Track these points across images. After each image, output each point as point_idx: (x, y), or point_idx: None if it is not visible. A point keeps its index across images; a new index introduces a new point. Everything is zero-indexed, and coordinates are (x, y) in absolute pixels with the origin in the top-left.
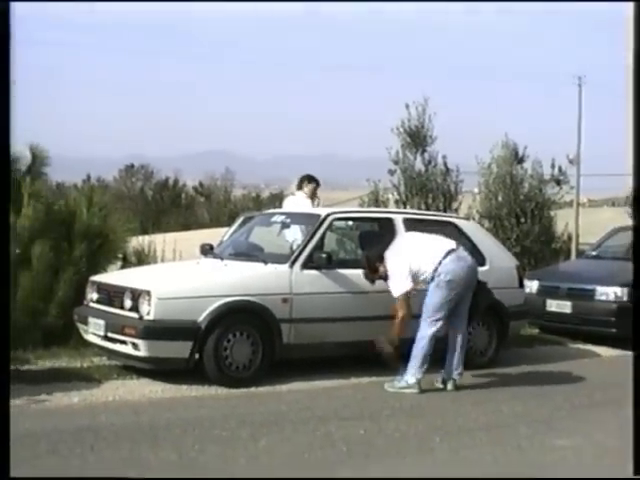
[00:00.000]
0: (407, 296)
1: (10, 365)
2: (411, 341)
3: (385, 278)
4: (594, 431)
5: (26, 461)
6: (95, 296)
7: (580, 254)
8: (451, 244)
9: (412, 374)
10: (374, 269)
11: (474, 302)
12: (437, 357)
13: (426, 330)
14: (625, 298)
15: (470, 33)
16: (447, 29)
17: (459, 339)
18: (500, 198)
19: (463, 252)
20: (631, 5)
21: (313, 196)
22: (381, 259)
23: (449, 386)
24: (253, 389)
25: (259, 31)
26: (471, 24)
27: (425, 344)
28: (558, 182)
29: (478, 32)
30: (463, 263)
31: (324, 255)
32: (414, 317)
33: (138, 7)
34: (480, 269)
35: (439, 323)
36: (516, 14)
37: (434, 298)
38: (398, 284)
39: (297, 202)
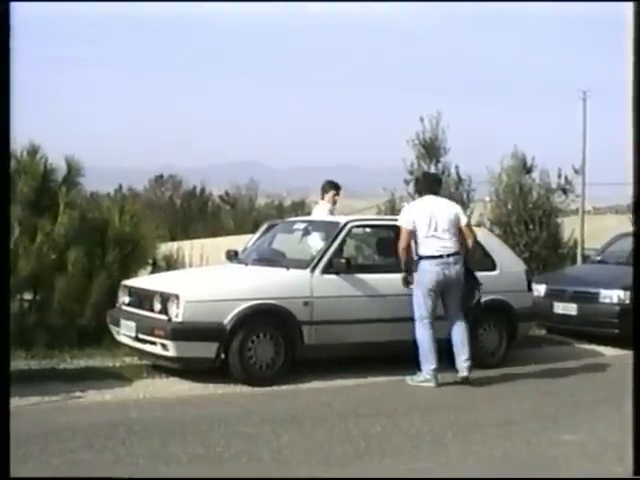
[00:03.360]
0: (406, 234)
1: (10, 365)
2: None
3: None
4: (598, 426)
5: (62, 454)
6: (127, 299)
7: (585, 259)
8: (446, 247)
9: (426, 371)
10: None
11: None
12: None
13: (419, 330)
14: (627, 301)
15: (480, 50)
16: (457, 49)
17: (458, 336)
18: (510, 206)
19: (451, 260)
20: (631, 5)
21: (334, 202)
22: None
23: (464, 372)
24: (276, 387)
25: (280, 46)
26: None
27: (423, 343)
28: (564, 191)
29: (487, 49)
30: (441, 269)
31: (343, 261)
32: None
33: (160, 22)
34: (491, 274)
35: (428, 322)
36: (521, 33)
37: (415, 298)
38: (401, 218)
39: (320, 210)
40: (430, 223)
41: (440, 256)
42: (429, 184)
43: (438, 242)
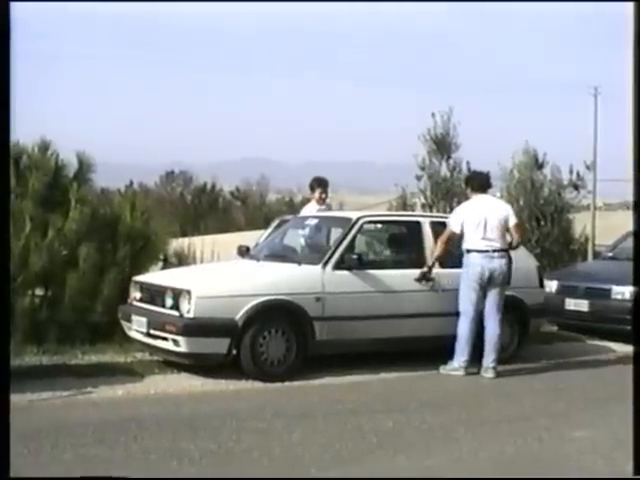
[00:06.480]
0: (449, 233)
1: (10, 364)
2: (454, 336)
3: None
4: (610, 423)
5: (73, 449)
6: (138, 295)
7: (597, 255)
8: (493, 244)
9: (457, 361)
10: None
11: None
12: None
13: (461, 323)
14: None
15: (491, 49)
16: (468, 46)
17: (491, 336)
18: (521, 202)
19: (496, 255)
20: (631, 5)
21: (322, 199)
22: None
23: (490, 373)
24: (287, 383)
25: (291, 43)
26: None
27: (461, 335)
28: (576, 187)
29: (500, 48)
30: (486, 263)
31: (355, 256)
32: (453, 314)
33: (171, 21)
34: None
35: (470, 315)
36: (533, 31)
37: (460, 292)
38: (451, 219)
39: (309, 208)
40: (479, 225)
41: (486, 251)
42: (479, 183)
43: (485, 240)
